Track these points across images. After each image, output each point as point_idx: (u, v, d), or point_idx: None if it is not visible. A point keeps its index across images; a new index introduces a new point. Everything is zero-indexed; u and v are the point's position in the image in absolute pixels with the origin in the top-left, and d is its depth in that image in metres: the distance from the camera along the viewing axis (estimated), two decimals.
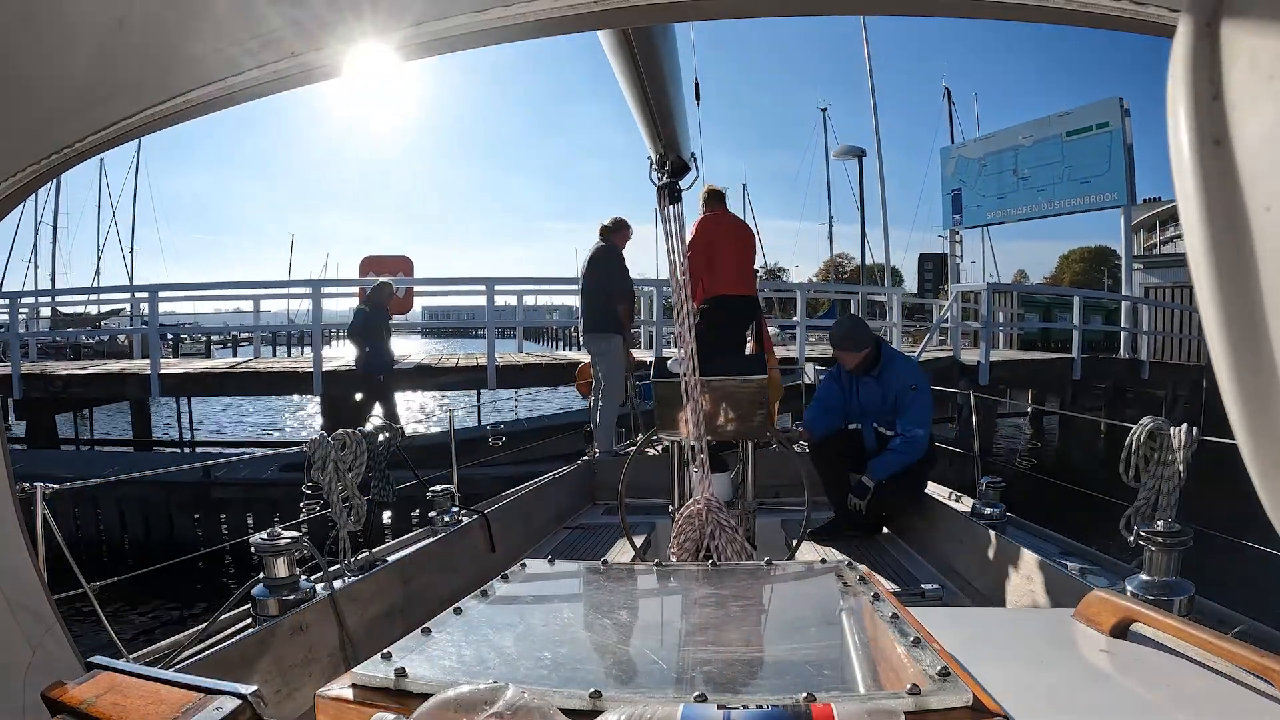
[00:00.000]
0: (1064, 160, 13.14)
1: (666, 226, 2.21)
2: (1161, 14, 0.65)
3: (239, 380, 9.47)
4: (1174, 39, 0.28)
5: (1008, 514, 2.86)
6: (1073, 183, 13.13)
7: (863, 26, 18.18)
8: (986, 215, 15.07)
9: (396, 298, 10.42)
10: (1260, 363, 0.25)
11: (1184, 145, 0.27)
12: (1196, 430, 2.05)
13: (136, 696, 0.92)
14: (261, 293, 13.44)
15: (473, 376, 9.31)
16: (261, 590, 1.98)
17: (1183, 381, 11.53)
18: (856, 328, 3.52)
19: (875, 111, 17.77)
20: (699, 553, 2.12)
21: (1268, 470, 0.25)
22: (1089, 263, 40.48)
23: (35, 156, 0.92)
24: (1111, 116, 12.50)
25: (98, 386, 9.38)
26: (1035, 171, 13.67)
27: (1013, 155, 14.06)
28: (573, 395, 13.56)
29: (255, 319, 12.79)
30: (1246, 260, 0.25)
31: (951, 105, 19.26)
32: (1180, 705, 0.93)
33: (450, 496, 3.06)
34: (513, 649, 1.03)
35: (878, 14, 1.11)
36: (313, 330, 9.53)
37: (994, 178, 14.45)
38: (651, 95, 1.69)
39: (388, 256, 11.19)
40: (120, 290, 11.56)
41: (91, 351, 15.06)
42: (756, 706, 0.74)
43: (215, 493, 7.01)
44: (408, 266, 11.14)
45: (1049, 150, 13.38)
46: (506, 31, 0.80)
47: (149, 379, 8.75)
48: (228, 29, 0.78)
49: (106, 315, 18.16)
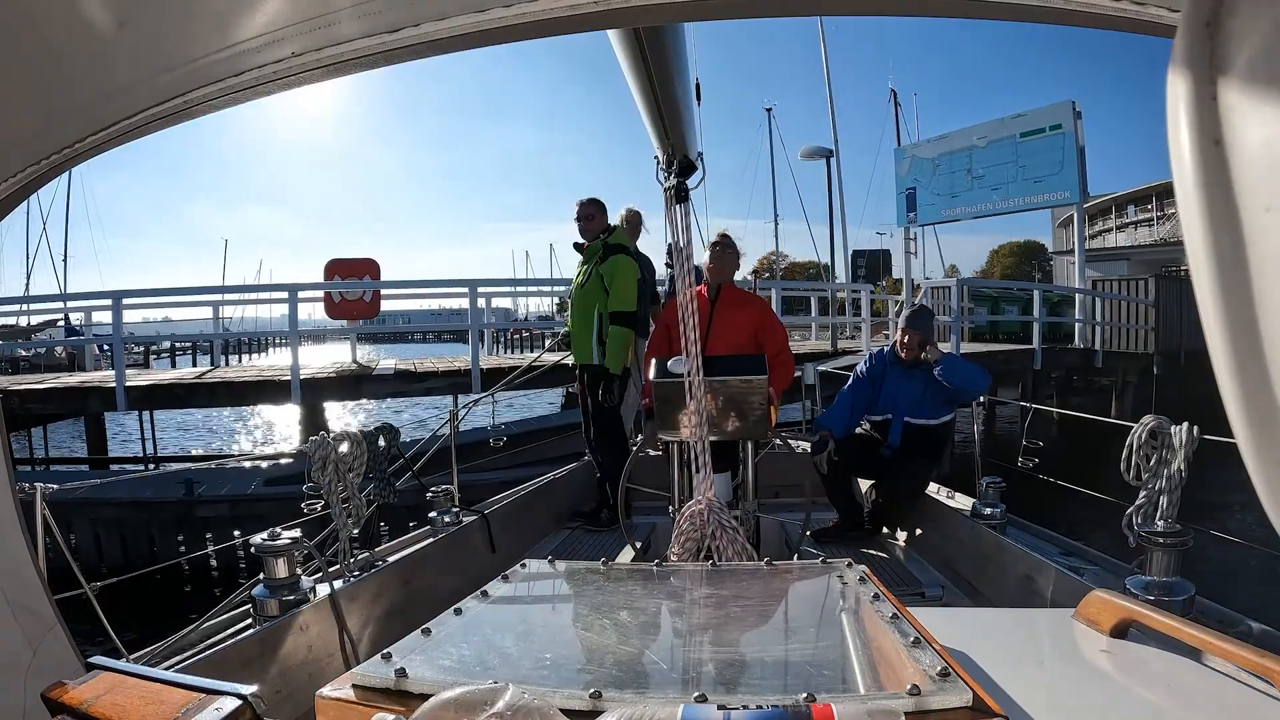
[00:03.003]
0: (1018, 160, 13.83)
1: (673, 226, 2.21)
2: (1161, 14, 0.65)
3: (210, 391, 8.71)
4: (1174, 39, 0.28)
5: (1008, 514, 2.85)
6: (1026, 181, 13.82)
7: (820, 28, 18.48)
8: (941, 213, 15.62)
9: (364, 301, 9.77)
10: (1260, 362, 0.25)
11: (1184, 145, 0.27)
12: (1198, 430, 2.05)
13: (136, 696, 0.92)
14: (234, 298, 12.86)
15: (456, 381, 8.85)
16: (262, 590, 1.98)
17: (1132, 369, 12.22)
18: (928, 314, 3.66)
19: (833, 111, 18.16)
20: (700, 553, 2.12)
21: (1268, 470, 0.25)
22: (1019, 257, 42.09)
23: (35, 157, 0.92)
24: (1064, 119, 13.12)
25: (57, 401, 8.58)
26: (989, 171, 14.35)
27: (967, 155, 14.69)
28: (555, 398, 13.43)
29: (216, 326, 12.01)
30: (1246, 260, 0.25)
31: (898, 106, 19.72)
32: (1180, 705, 0.93)
33: (450, 497, 3.06)
34: (513, 649, 1.03)
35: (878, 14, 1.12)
36: (289, 336, 8.84)
37: (948, 177, 15.05)
38: (660, 95, 1.69)
39: (353, 259, 10.39)
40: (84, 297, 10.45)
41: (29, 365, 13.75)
42: (757, 707, 0.74)
43: (199, 511, 6.44)
44: (374, 269, 10.24)
45: (1003, 151, 14.07)
46: (506, 31, 0.80)
47: (114, 392, 8.00)
48: (227, 29, 0.78)
49: (39, 327, 16.82)
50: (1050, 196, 13.89)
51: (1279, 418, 0.25)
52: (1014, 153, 13.81)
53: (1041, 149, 13.37)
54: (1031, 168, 13.55)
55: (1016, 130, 13.82)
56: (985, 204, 14.74)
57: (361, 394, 9.20)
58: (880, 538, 3.44)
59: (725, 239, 3.40)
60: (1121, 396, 11.45)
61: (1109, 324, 12.79)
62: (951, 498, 3.32)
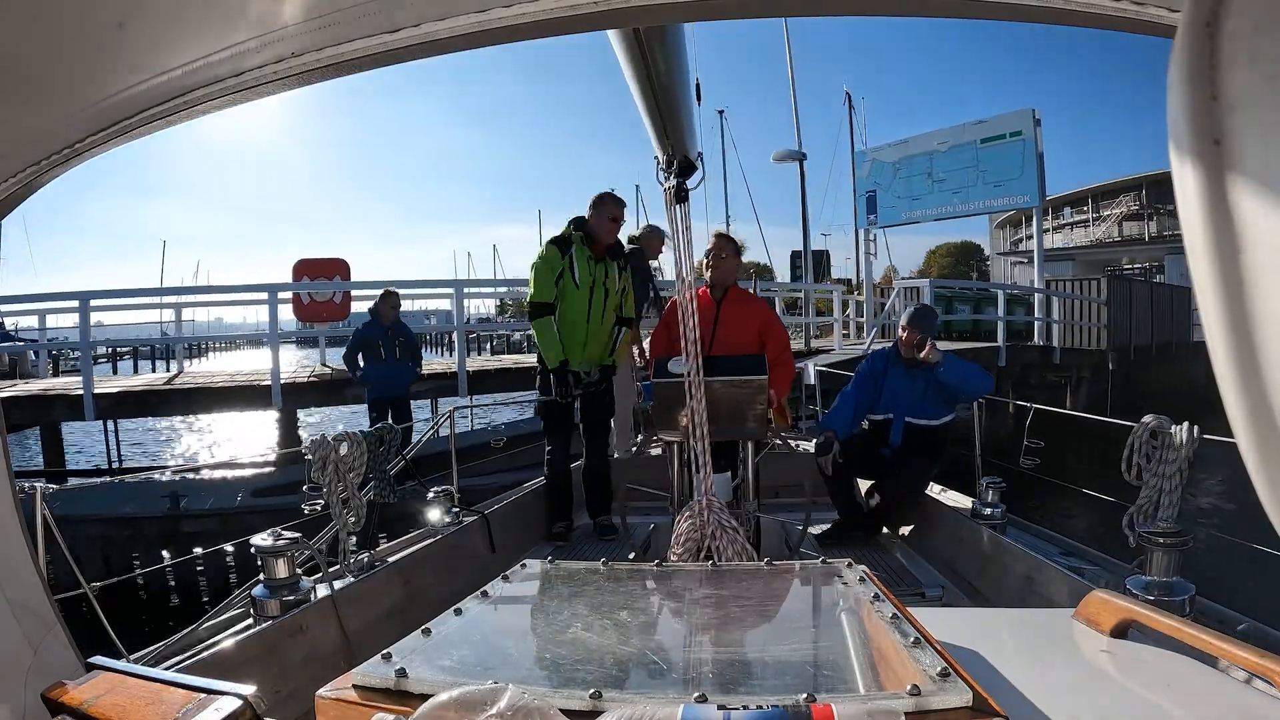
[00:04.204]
0: (978, 165, 14.43)
1: (674, 226, 2.21)
2: (1161, 14, 0.65)
3: (185, 398, 8.16)
4: (1174, 39, 0.28)
5: (1008, 514, 2.85)
6: (987, 185, 14.43)
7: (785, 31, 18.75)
8: (901, 215, 16.14)
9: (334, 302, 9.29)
10: (1260, 362, 0.25)
11: (1184, 145, 0.27)
12: (1198, 430, 2.05)
13: (136, 696, 0.92)
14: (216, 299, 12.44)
15: (441, 384, 8.48)
16: (262, 590, 1.98)
17: (1086, 364, 12.90)
18: (932, 314, 3.64)
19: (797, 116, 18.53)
20: (700, 553, 2.12)
21: (1268, 470, 0.25)
22: (955, 257, 43.55)
23: (35, 157, 0.92)
24: (1024, 126, 13.85)
25: (19, 411, 7.78)
26: (950, 175, 14.97)
27: (927, 160, 15.26)
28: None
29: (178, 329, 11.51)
30: (1246, 260, 0.25)
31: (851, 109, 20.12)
32: (1180, 705, 0.93)
33: (450, 497, 3.07)
34: (513, 649, 1.03)
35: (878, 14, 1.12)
36: (269, 339, 8.38)
37: (908, 180, 15.64)
38: (660, 95, 1.69)
39: (323, 259, 9.93)
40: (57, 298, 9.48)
41: None
42: (757, 707, 0.74)
43: (185, 526, 5.93)
44: (344, 269, 9.80)
45: (964, 155, 14.64)
46: (506, 32, 0.80)
47: (81, 400, 7.47)
48: (228, 29, 0.78)
49: None
50: (1011, 200, 14.70)
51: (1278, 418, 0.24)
52: (975, 158, 14.54)
53: (1002, 154, 14.12)
54: (992, 172, 14.31)
55: (977, 136, 14.55)
56: (946, 206, 15.45)
57: (346, 399, 8.68)
58: (880, 538, 3.43)
59: (723, 241, 3.35)
60: (1076, 391, 12.12)
61: (1066, 322, 13.52)
62: (948, 495, 3.32)
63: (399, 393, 6.77)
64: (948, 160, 14.91)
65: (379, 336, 6.71)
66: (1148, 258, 25.49)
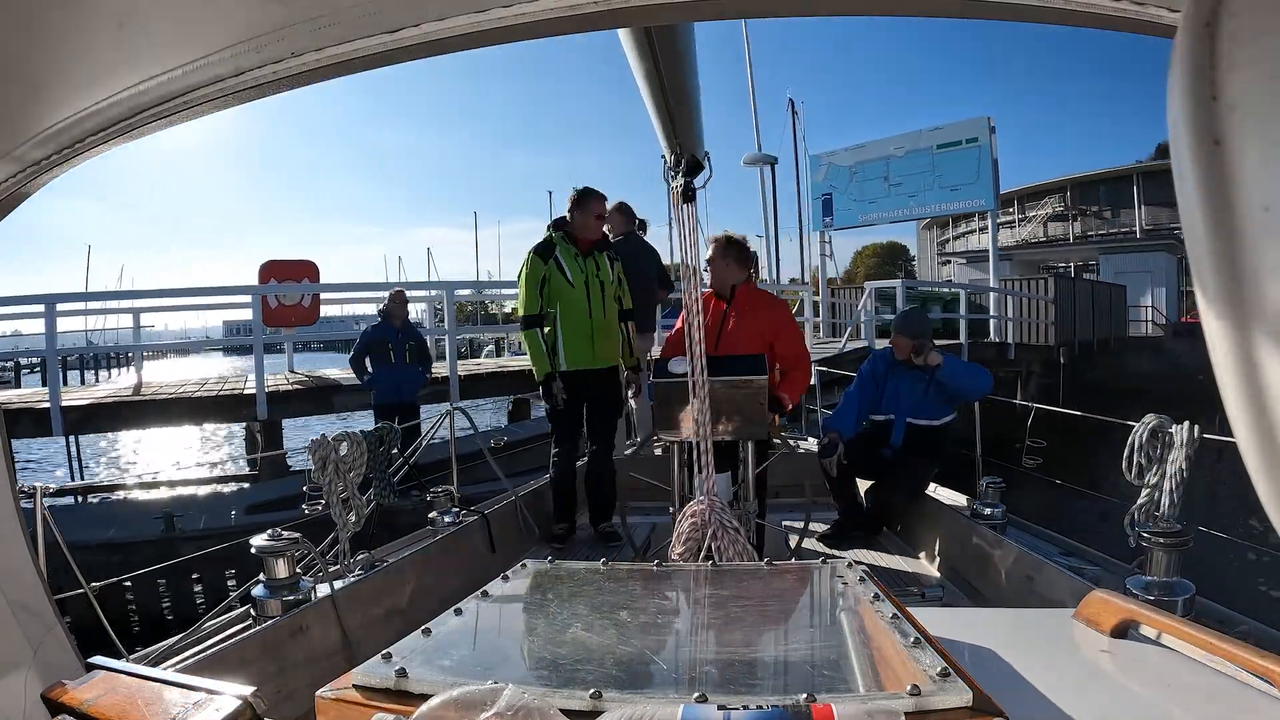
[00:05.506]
0: (935, 170, 14.97)
1: (681, 225, 2.21)
2: (1161, 14, 0.65)
3: (161, 409, 7.46)
4: (1174, 39, 0.28)
5: (1008, 514, 2.85)
6: (943, 189, 14.96)
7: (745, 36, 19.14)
8: (857, 218, 16.54)
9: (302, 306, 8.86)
10: (1260, 363, 0.25)
11: (1184, 145, 0.27)
12: (1198, 429, 2.05)
13: (136, 696, 0.93)
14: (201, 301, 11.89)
15: (433, 390, 7.89)
16: (262, 590, 1.98)
17: (1036, 359, 13.63)
18: (920, 317, 3.63)
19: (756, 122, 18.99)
20: (701, 553, 2.12)
21: (1268, 470, 0.25)
22: (881, 258, 44.38)
23: (35, 157, 0.92)
24: (980, 133, 14.43)
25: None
26: (906, 179, 15.42)
27: (884, 164, 15.67)
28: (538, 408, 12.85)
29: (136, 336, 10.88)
30: (1247, 260, 0.25)
31: (795, 115, 20.38)
32: (1180, 706, 0.93)
33: (450, 497, 3.07)
34: (513, 649, 1.03)
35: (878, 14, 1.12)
36: (254, 344, 7.80)
37: (863, 184, 16.06)
38: (669, 94, 1.68)
39: (291, 261, 9.39)
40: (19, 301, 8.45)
41: None
42: (757, 707, 0.74)
43: (183, 550, 5.27)
44: (313, 271, 9.26)
45: (920, 160, 15.14)
46: (506, 32, 0.80)
47: (48, 414, 6.75)
48: (228, 29, 0.78)
49: None
50: (966, 204, 15.34)
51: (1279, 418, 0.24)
52: (931, 163, 15.07)
53: (958, 160, 14.69)
54: (948, 176, 14.85)
55: (933, 142, 15.08)
56: (902, 210, 16.04)
57: (334, 407, 8.24)
58: (880, 538, 3.43)
59: (722, 243, 3.22)
60: (1026, 384, 12.74)
61: (1018, 320, 14.39)
62: (951, 498, 3.32)
63: (407, 399, 6.52)
64: (904, 165, 15.45)
65: (389, 338, 6.48)
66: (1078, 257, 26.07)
